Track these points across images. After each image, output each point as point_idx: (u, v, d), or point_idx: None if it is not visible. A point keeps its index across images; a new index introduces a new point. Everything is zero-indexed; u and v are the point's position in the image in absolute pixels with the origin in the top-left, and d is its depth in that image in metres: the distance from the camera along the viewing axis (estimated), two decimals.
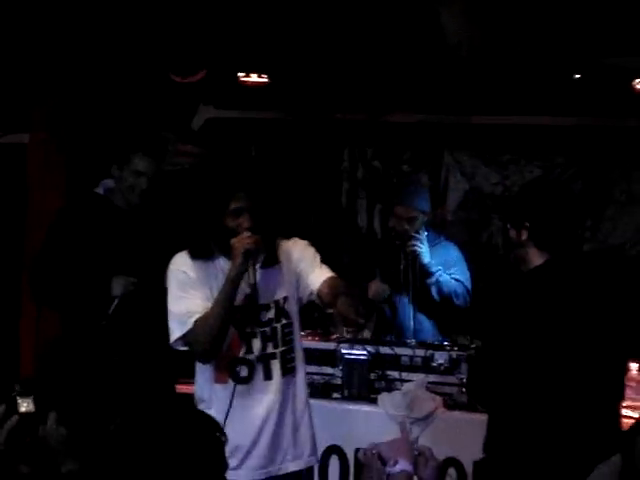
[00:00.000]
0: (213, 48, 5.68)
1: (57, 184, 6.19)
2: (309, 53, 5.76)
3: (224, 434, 2.36)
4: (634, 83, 5.78)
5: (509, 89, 6.10)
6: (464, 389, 4.85)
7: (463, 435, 4.69)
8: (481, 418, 4.61)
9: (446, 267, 5.55)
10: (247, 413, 3.79)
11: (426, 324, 5.64)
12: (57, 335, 5.03)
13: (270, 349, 3.83)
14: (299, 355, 3.94)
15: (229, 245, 3.68)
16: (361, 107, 6.69)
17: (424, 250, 5.50)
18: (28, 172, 6.28)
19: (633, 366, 4.95)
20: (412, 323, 5.61)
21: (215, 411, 3.59)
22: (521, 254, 3.72)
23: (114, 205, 4.70)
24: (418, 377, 4.97)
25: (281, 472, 3.88)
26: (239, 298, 3.75)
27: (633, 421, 3.21)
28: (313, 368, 5.10)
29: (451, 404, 4.87)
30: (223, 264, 3.77)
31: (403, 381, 4.98)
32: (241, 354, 3.79)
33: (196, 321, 3.71)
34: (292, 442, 3.89)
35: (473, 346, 5.06)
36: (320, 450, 4.93)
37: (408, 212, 5.58)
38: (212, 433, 2.33)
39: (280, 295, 3.85)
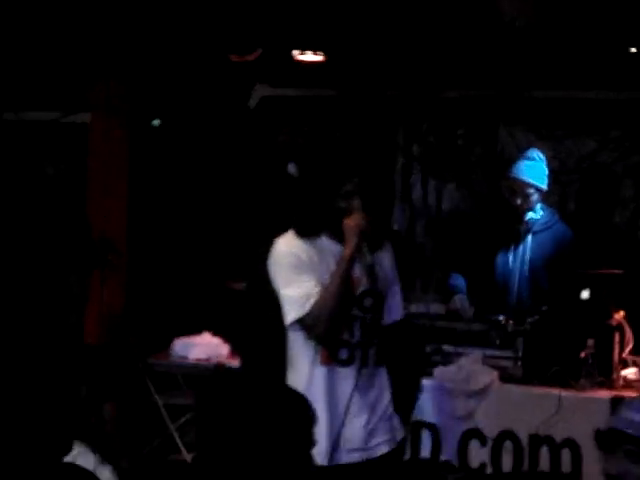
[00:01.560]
0: (268, 27, 5.73)
1: (119, 163, 6.31)
2: (363, 30, 5.79)
3: (313, 412, 2.41)
4: None
5: (564, 63, 6.08)
6: (519, 363, 4.91)
7: (519, 408, 4.74)
8: (536, 391, 4.71)
9: (557, 252, 5.39)
10: (342, 396, 3.76)
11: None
12: None
13: (368, 337, 3.80)
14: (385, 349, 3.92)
15: (338, 225, 3.69)
16: (415, 83, 6.71)
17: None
18: (89, 151, 6.40)
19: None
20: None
21: (313, 392, 3.60)
22: None
23: None
24: (474, 351, 5.02)
25: (375, 455, 3.87)
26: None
27: None
28: None
29: (506, 378, 4.91)
30: (327, 244, 3.75)
31: (459, 355, 5.03)
32: (344, 337, 3.77)
33: (315, 302, 3.68)
34: (384, 428, 3.88)
35: (529, 320, 5.08)
36: None
37: (523, 187, 5.38)
38: (300, 410, 2.39)
39: (380, 287, 3.83)
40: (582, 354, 4.76)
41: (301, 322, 3.72)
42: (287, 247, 3.76)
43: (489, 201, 6.68)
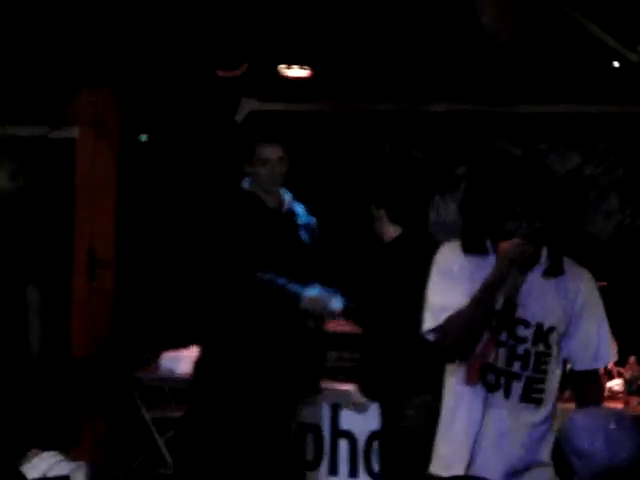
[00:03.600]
0: (254, 42, 5.76)
1: (106, 178, 6.32)
2: (349, 45, 5.82)
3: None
4: None
5: (548, 78, 6.12)
6: None
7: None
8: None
9: None
10: (473, 421, 3.55)
11: None
12: None
13: (516, 368, 3.54)
14: (551, 391, 3.59)
15: None
16: (402, 97, 6.74)
17: None
18: (77, 166, 6.41)
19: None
20: None
21: (460, 414, 3.55)
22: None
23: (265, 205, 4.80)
24: None
25: None
26: (500, 303, 3.52)
27: None
28: (357, 355, 5.20)
29: None
30: (492, 263, 3.54)
31: None
32: (491, 361, 3.55)
33: (448, 317, 3.52)
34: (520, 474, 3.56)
35: None
36: (364, 435, 5.07)
37: None
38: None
39: (546, 320, 3.56)
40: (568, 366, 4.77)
41: (433, 333, 3.57)
42: (444, 255, 3.64)
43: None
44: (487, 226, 3.56)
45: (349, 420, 5.11)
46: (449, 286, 3.55)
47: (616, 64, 5.66)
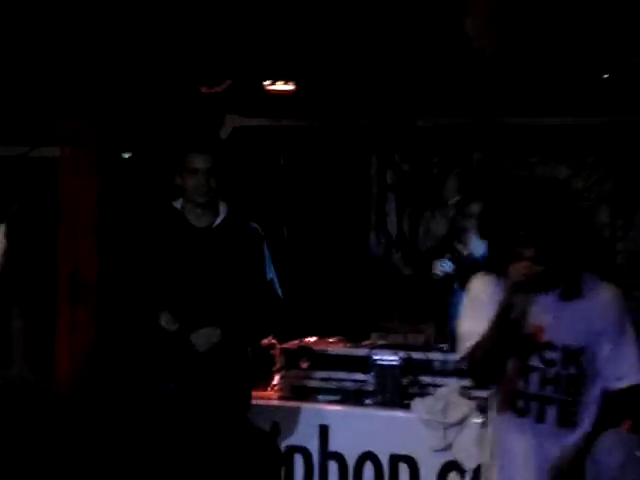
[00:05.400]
0: (238, 58, 5.71)
1: (88, 197, 6.24)
2: (334, 59, 5.77)
3: None
4: None
5: (537, 90, 6.08)
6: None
7: None
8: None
9: None
10: (517, 449, 3.58)
11: None
12: None
13: (549, 392, 3.55)
14: (588, 412, 3.56)
15: None
16: (388, 112, 6.70)
17: None
18: (59, 185, 6.33)
19: None
20: None
21: (497, 439, 3.60)
22: None
23: (187, 221, 4.64)
24: (450, 382, 4.97)
25: None
26: (528, 327, 3.52)
27: None
28: (344, 374, 5.14)
29: (484, 408, 4.85)
30: None
31: (436, 386, 4.98)
32: (520, 387, 3.55)
33: (474, 344, 3.55)
34: None
35: None
36: (354, 457, 5.00)
37: None
38: None
39: (573, 341, 3.54)
40: None
41: (464, 360, 3.60)
42: (477, 284, 3.66)
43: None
44: (501, 251, 3.54)
45: (338, 441, 5.03)
46: (477, 314, 3.56)
47: (606, 76, 5.62)
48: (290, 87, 6.29)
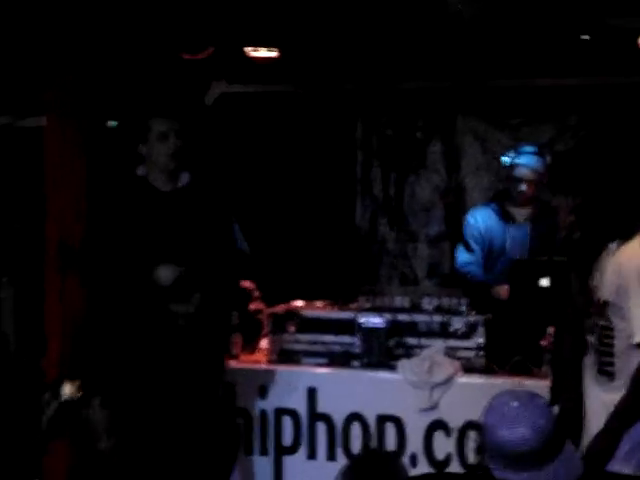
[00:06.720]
0: (219, 24, 5.70)
1: (75, 166, 6.24)
2: (317, 24, 5.77)
3: None
4: None
5: (518, 52, 6.10)
6: (481, 353, 4.92)
7: (482, 398, 4.74)
8: (499, 381, 4.72)
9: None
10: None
11: None
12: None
13: (591, 340, 3.73)
14: (622, 365, 3.63)
15: None
16: (372, 76, 6.71)
17: None
18: (45, 155, 6.33)
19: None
20: None
21: None
22: None
23: (153, 187, 4.58)
24: (436, 343, 5.03)
25: None
26: None
27: None
28: (331, 337, 5.20)
29: (469, 368, 4.92)
30: None
31: (421, 347, 5.03)
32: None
33: None
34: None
35: None
36: (342, 418, 5.07)
37: (530, 175, 5.61)
38: None
39: (601, 294, 3.67)
40: (543, 342, 4.78)
41: None
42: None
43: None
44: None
45: (326, 403, 5.09)
46: None
47: (585, 37, 5.63)
48: (274, 54, 6.29)
